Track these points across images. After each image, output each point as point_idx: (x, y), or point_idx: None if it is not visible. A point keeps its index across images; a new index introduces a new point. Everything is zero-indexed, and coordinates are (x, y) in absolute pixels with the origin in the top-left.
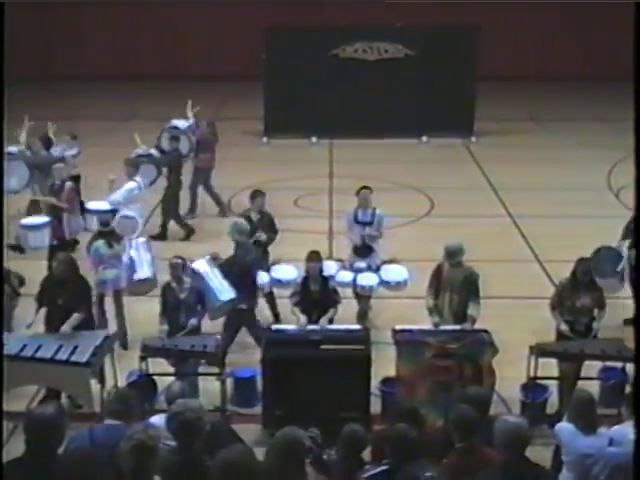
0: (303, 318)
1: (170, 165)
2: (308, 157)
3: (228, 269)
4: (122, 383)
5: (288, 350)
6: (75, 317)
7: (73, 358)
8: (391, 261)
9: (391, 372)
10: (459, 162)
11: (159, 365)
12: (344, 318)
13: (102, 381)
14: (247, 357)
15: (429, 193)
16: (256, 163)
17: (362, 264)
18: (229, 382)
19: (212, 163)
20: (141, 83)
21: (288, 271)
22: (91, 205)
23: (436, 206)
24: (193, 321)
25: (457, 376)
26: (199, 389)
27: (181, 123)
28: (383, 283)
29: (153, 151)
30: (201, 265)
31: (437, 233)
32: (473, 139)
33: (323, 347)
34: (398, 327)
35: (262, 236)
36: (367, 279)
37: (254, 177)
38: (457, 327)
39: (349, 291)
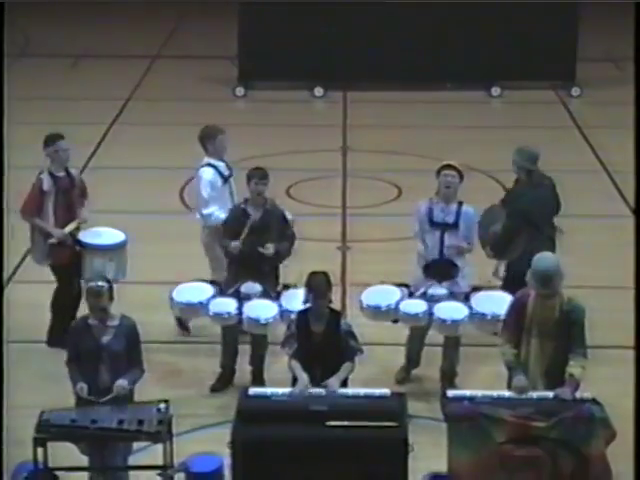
0: (306, 380)
1: None
2: (309, 119)
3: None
4: None
5: (273, 428)
6: None
7: None
8: (485, 287)
9: (441, 465)
10: (552, 128)
11: (65, 454)
12: (367, 378)
13: None
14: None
15: (503, 178)
16: (226, 128)
17: (441, 290)
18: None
19: None
20: None
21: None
22: None
23: None
24: (122, 382)
25: (548, 474)
26: None
27: None
28: (475, 315)
29: None
30: None
31: None
32: (575, 91)
33: (330, 424)
34: (451, 393)
35: (270, 248)
36: (450, 310)
37: None
38: (549, 393)
39: (375, 334)
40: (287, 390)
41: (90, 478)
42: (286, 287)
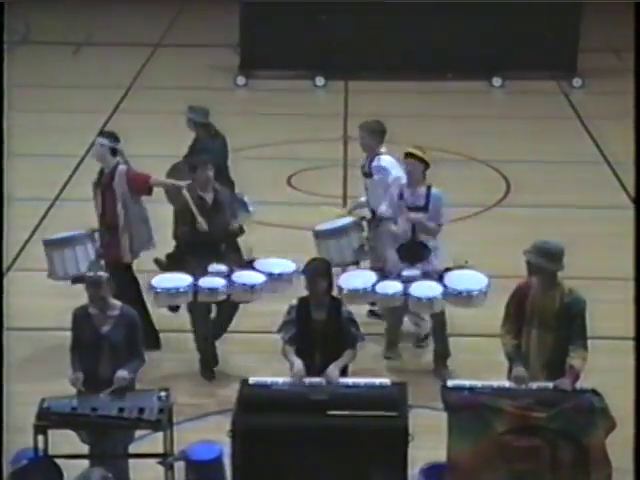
0: (300, 365)
1: None
2: (310, 109)
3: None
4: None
5: (273, 417)
6: None
7: None
8: (460, 267)
9: (440, 455)
10: (553, 120)
11: (66, 441)
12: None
13: None
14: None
15: (505, 169)
16: (227, 117)
17: (415, 271)
18: (180, 468)
19: None
20: None
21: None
22: None
23: (515, 189)
24: (122, 373)
25: (548, 464)
26: None
27: None
28: (449, 293)
29: None
30: None
31: (518, 231)
32: (576, 82)
33: (331, 413)
34: (451, 383)
35: (235, 225)
36: (425, 289)
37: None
38: (549, 384)
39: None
40: (287, 379)
41: (90, 466)
42: (250, 262)
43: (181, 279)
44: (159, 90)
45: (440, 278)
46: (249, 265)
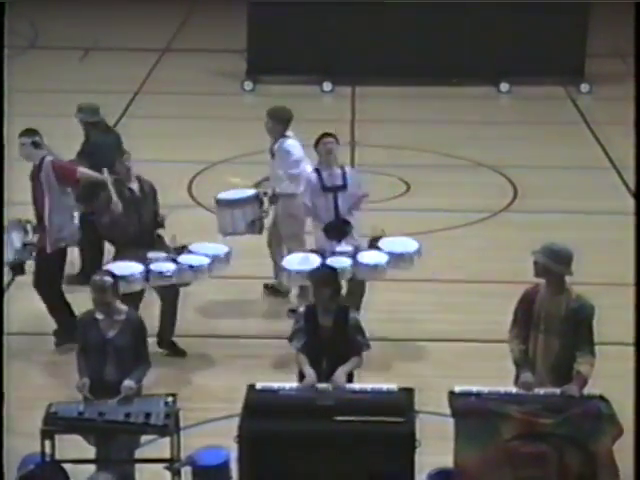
0: (312, 377)
1: None
2: (317, 114)
3: None
4: (10, 478)
5: (280, 423)
6: None
7: None
8: (379, 237)
9: (447, 461)
10: (560, 125)
11: (73, 446)
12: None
13: None
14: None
15: (512, 175)
16: (235, 122)
17: (347, 247)
18: (186, 473)
19: None
20: None
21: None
22: None
23: (522, 195)
24: (129, 383)
25: (555, 470)
26: None
27: None
28: (392, 256)
29: None
30: None
31: (525, 237)
32: (584, 87)
33: (337, 419)
34: (458, 388)
35: (165, 215)
36: (372, 257)
37: (230, 145)
38: (556, 390)
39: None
40: (294, 385)
41: (97, 471)
42: (184, 247)
43: (132, 266)
44: (166, 95)
45: (371, 248)
46: (186, 250)
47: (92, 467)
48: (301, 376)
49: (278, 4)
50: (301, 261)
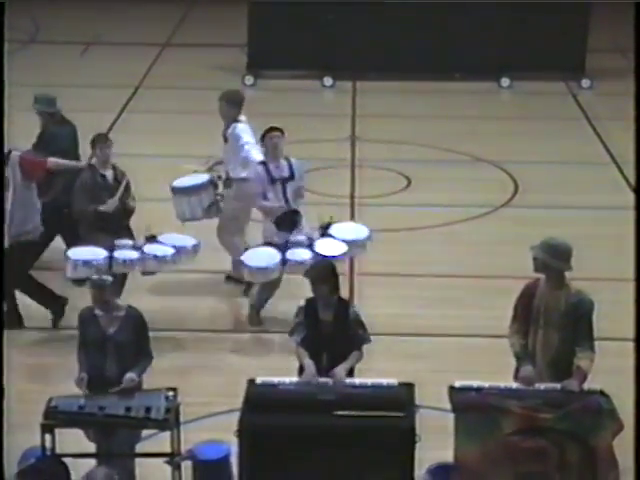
0: (312, 369)
1: None
2: (318, 109)
3: None
4: (11, 471)
5: (280, 417)
6: None
7: None
8: (328, 223)
9: (447, 455)
10: (561, 120)
11: (73, 440)
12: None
13: None
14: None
15: (512, 170)
16: None
17: (300, 236)
18: (187, 467)
19: None
20: None
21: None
22: None
23: (523, 190)
24: (131, 375)
25: (555, 465)
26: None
27: None
28: (347, 243)
29: None
30: None
31: (526, 232)
32: (585, 82)
33: (338, 413)
34: (459, 383)
35: (113, 203)
36: (330, 246)
37: None
38: (556, 385)
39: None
40: (295, 379)
41: (97, 465)
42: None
43: (96, 251)
44: (167, 90)
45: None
46: (153, 240)
47: (92, 461)
48: (301, 370)
49: None
50: (260, 256)
